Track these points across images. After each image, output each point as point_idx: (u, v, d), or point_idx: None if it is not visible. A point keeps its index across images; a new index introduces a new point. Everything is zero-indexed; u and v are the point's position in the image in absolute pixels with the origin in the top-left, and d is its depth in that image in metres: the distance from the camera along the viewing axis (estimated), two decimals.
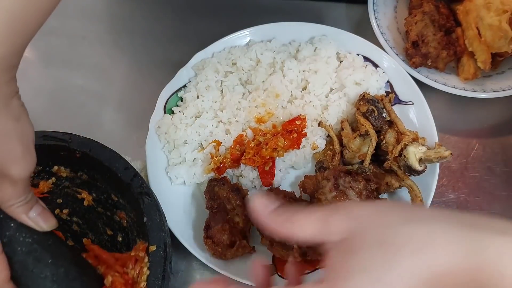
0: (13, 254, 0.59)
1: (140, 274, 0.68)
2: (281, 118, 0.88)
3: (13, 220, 0.58)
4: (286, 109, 0.89)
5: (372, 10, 0.98)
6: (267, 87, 0.90)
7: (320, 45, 0.93)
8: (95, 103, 0.99)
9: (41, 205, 0.60)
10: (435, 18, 0.92)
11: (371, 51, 0.94)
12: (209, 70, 0.91)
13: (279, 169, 0.86)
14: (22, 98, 0.56)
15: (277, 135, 0.85)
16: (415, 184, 0.80)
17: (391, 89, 0.92)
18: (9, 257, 0.59)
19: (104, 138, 0.76)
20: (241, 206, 0.80)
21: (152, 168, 0.86)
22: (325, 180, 0.79)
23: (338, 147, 0.86)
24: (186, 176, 0.85)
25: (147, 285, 0.66)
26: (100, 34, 1.07)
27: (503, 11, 0.84)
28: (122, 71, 1.03)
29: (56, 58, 1.05)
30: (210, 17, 1.07)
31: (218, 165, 0.85)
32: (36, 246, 0.60)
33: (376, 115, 0.84)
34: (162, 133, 0.88)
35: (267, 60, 0.92)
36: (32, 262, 0.60)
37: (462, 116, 0.95)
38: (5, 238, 0.58)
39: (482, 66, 0.89)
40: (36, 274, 0.61)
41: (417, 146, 0.79)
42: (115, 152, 0.75)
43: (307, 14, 1.05)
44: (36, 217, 0.59)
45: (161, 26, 1.08)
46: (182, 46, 1.03)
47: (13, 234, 0.59)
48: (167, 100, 0.91)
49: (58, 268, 0.62)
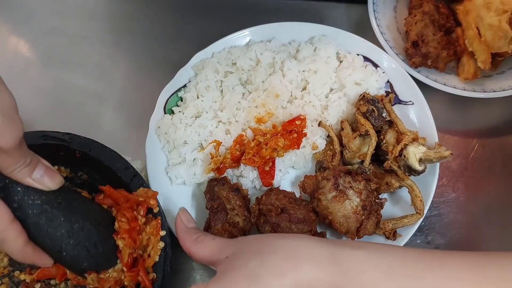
0: (25, 217, 0.60)
1: (154, 247, 0.68)
2: (281, 118, 0.88)
3: (19, 184, 0.59)
4: (286, 109, 0.89)
5: (372, 10, 0.98)
6: (267, 87, 0.90)
7: (320, 45, 0.93)
8: (95, 103, 0.99)
9: (44, 164, 0.60)
10: (435, 18, 0.92)
11: (371, 51, 0.94)
12: (209, 70, 0.91)
13: (279, 169, 0.86)
14: (22, 98, 0.56)
15: (277, 135, 0.85)
16: (415, 184, 0.80)
17: (391, 89, 0.92)
18: (22, 220, 0.60)
19: (104, 138, 0.76)
20: (241, 206, 0.80)
21: (152, 168, 0.86)
22: (325, 180, 0.79)
23: (338, 147, 0.86)
24: (186, 176, 0.85)
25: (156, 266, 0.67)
26: (100, 34, 1.07)
27: (503, 11, 0.84)
28: (122, 71, 1.03)
29: (56, 58, 1.05)
30: (210, 17, 1.07)
31: (218, 165, 0.85)
32: (46, 207, 0.61)
33: (376, 115, 0.84)
34: (162, 133, 0.88)
35: (267, 60, 0.92)
36: (45, 222, 0.61)
37: (462, 116, 0.95)
38: (15, 203, 0.59)
39: (482, 66, 0.89)
40: (52, 233, 0.62)
41: (417, 146, 0.79)
42: (115, 152, 0.75)
43: (307, 14, 1.05)
44: (41, 177, 0.59)
45: (161, 26, 1.08)
46: (182, 46, 1.03)
47: (22, 198, 0.59)
48: (167, 100, 0.91)
49: (72, 224, 0.64)
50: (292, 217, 0.77)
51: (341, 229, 0.78)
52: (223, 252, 0.60)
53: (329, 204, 0.78)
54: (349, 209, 0.77)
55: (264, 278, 0.53)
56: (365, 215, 0.77)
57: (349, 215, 0.77)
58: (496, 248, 0.84)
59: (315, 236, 0.78)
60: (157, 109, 0.89)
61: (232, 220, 0.79)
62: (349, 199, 0.77)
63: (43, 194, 0.61)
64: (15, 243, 0.59)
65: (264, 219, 0.78)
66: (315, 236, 0.59)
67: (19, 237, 0.60)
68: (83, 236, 0.65)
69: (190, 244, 0.65)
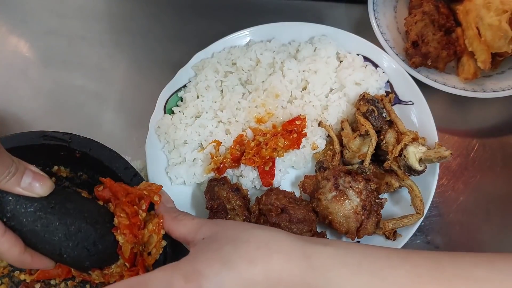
0: (20, 226, 0.60)
1: (157, 245, 0.68)
2: (281, 118, 0.88)
3: (9, 194, 0.59)
4: (286, 109, 0.89)
5: (372, 10, 0.98)
6: (267, 87, 0.90)
7: (320, 45, 0.93)
8: (95, 103, 0.99)
9: (31, 170, 0.60)
10: (435, 18, 0.92)
11: (371, 51, 0.94)
12: (209, 70, 0.91)
13: (279, 169, 0.86)
14: (22, 98, 0.56)
15: (277, 135, 0.85)
16: (415, 184, 0.80)
17: (391, 89, 0.92)
18: (17, 229, 0.60)
19: (104, 138, 0.76)
20: (241, 206, 0.80)
21: (152, 168, 0.86)
22: (325, 180, 0.79)
23: (338, 147, 0.86)
24: (186, 176, 0.85)
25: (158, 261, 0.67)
26: (100, 34, 1.07)
27: (503, 11, 0.84)
28: (122, 71, 1.03)
29: (56, 58, 1.05)
30: (210, 17, 1.07)
31: (218, 165, 0.85)
32: (40, 213, 0.61)
33: (376, 115, 0.84)
34: (162, 133, 0.88)
35: (267, 60, 0.92)
36: (41, 228, 0.61)
37: (462, 116, 0.95)
38: (7, 213, 0.59)
39: (482, 66, 0.89)
40: (49, 238, 0.62)
41: (417, 146, 0.79)
42: (115, 152, 0.75)
43: (307, 14, 1.05)
44: (30, 185, 0.59)
45: (161, 26, 1.08)
46: (182, 46, 1.03)
47: (14, 207, 0.59)
48: (167, 100, 0.91)
49: (69, 227, 0.63)
50: (292, 217, 0.77)
51: (341, 229, 0.78)
52: (200, 233, 0.61)
53: (329, 204, 0.78)
54: (349, 209, 0.77)
55: (236, 264, 0.55)
56: (365, 215, 0.77)
57: (349, 215, 0.77)
58: (496, 248, 0.83)
59: (315, 236, 0.78)
60: (157, 109, 0.89)
61: (232, 220, 0.78)
62: (349, 199, 0.77)
63: (35, 201, 0.60)
64: (10, 253, 0.59)
65: (264, 219, 0.78)
66: (290, 233, 0.61)
67: (13, 247, 0.60)
68: (81, 237, 0.64)
69: (169, 221, 0.66)
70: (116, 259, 0.69)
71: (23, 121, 0.96)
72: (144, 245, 0.69)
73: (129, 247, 0.67)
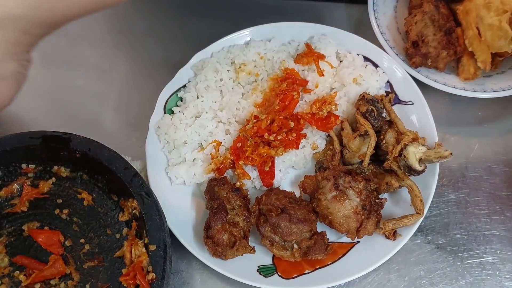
0: None
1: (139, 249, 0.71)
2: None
3: None
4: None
5: (372, 10, 0.98)
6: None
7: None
8: (95, 103, 0.99)
9: None
10: (435, 18, 0.92)
11: (371, 51, 0.94)
12: (208, 70, 0.91)
13: (279, 169, 0.86)
14: (22, 98, 0.56)
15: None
16: (415, 184, 0.80)
17: (391, 89, 0.92)
18: None
19: (104, 138, 0.76)
20: (241, 206, 0.80)
21: (152, 168, 0.86)
22: (325, 180, 0.79)
23: (338, 147, 0.86)
24: (186, 176, 0.85)
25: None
26: (100, 34, 1.07)
27: (503, 11, 0.85)
28: (122, 71, 1.03)
29: (56, 58, 1.05)
30: (210, 17, 1.08)
31: (218, 165, 0.85)
32: None
33: (376, 115, 0.84)
34: (162, 133, 0.88)
35: (267, 60, 0.92)
36: None
37: (462, 116, 0.95)
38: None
39: (482, 66, 0.89)
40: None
41: (417, 146, 0.79)
42: (115, 152, 0.75)
43: (307, 14, 1.05)
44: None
45: (161, 26, 1.08)
46: (182, 46, 1.03)
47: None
48: (167, 100, 0.91)
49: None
50: (292, 217, 0.77)
51: (341, 229, 0.78)
52: None
53: (329, 204, 0.78)
54: (349, 209, 0.77)
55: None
56: (365, 215, 0.77)
57: (349, 215, 0.77)
58: (496, 248, 0.83)
59: (315, 236, 0.78)
60: (157, 109, 0.89)
61: (232, 220, 0.79)
62: (349, 199, 0.77)
63: None
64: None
65: (264, 219, 0.78)
66: None
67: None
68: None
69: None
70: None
71: (23, 121, 0.96)
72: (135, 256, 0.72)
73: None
